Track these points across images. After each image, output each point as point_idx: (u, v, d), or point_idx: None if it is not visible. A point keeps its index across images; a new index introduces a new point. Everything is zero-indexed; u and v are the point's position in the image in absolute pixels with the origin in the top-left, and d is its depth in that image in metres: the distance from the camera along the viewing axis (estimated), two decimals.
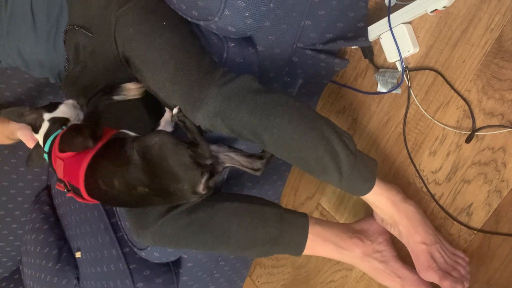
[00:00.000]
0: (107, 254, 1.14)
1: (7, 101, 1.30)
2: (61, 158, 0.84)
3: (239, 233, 0.89)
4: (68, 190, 0.87)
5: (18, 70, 1.24)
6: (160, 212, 0.86)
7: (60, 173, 0.86)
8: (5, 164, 1.41)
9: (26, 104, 1.00)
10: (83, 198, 0.85)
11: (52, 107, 0.90)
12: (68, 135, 0.85)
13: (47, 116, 0.88)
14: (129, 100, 0.94)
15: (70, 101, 0.92)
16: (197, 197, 0.84)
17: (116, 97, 0.92)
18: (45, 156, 0.89)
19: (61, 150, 0.84)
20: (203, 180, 0.82)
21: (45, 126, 0.87)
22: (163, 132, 0.83)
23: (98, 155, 0.82)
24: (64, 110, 0.90)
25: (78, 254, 1.25)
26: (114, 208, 1.17)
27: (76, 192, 0.85)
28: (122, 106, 0.99)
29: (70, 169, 0.84)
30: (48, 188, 1.52)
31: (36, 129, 0.89)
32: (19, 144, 1.17)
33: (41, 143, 0.89)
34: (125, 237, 1.12)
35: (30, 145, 1.04)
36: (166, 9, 0.88)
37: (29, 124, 0.90)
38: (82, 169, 0.81)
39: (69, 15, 1.01)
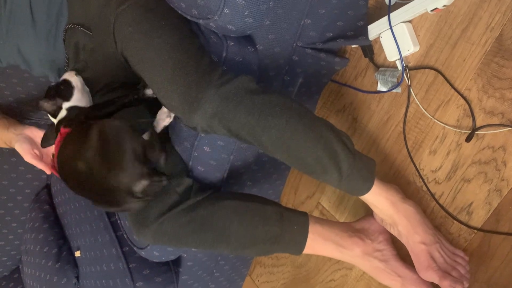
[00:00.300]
0: (107, 253, 1.14)
1: (7, 100, 1.30)
2: (60, 133, 0.88)
3: (239, 231, 0.89)
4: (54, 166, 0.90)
5: (18, 68, 1.23)
6: (160, 210, 0.86)
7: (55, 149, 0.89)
8: (5, 163, 1.41)
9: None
10: None
11: (66, 93, 0.94)
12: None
13: (65, 105, 0.93)
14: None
15: (74, 78, 0.95)
16: (130, 198, 0.80)
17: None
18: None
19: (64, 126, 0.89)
20: (145, 181, 0.79)
21: (62, 113, 0.92)
22: (126, 118, 0.85)
23: (72, 133, 0.86)
24: (79, 97, 0.94)
25: (77, 253, 1.25)
26: None
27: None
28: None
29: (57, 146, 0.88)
30: (48, 187, 1.52)
31: (54, 116, 0.94)
32: None
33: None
34: (125, 236, 1.12)
35: (28, 159, 1.05)
36: (166, 8, 0.88)
37: (48, 112, 0.94)
38: (56, 145, 0.85)
39: (68, 13, 1.00)
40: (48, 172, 1.06)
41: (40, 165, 1.05)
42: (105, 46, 0.93)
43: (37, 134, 1.08)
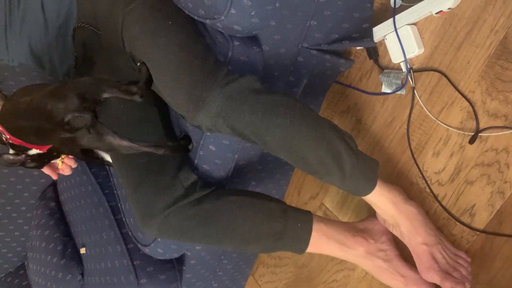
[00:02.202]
0: (112, 250, 1.15)
1: None
2: None
3: (243, 226, 0.89)
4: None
5: (27, 67, 1.25)
6: (167, 203, 0.87)
7: None
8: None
9: None
10: None
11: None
12: None
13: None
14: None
15: None
16: (59, 128, 0.81)
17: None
18: None
19: None
20: (77, 113, 0.80)
21: None
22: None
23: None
24: None
25: (82, 250, 1.26)
26: (119, 204, 1.18)
27: None
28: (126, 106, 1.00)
29: None
30: (54, 185, 1.54)
31: None
32: None
33: None
34: (130, 233, 1.13)
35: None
36: (173, 8, 0.89)
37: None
38: None
39: (78, 13, 1.02)
40: (55, 177, 1.07)
41: (46, 171, 1.06)
42: (112, 46, 0.95)
43: None
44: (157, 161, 0.94)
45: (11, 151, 0.96)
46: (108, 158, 1.06)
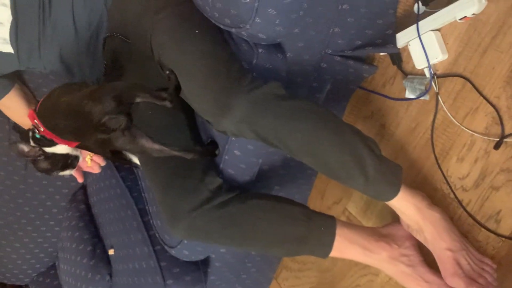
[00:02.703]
0: (139, 251, 1.18)
1: None
2: None
3: (267, 230, 0.91)
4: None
5: (59, 74, 1.30)
6: (193, 206, 0.90)
7: None
8: None
9: None
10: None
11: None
12: None
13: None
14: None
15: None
16: (96, 130, 0.86)
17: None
18: None
19: None
20: (112, 115, 0.86)
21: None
22: None
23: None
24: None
25: (111, 251, 1.30)
26: (147, 207, 1.22)
27: None
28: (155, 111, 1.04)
29: None
30: (84, 188, 1.59)
31: None
32: None
33: None
34: (157, 235, 1.16)
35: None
36: (200, 17, 0.92)
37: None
38: None
39: (109, 22, 1.06)
40: (80, 180, 1.12)
41: (74, 173, 1.10)
42: (142, 54, 0.98)
43: None
44: (184, 165, 0.97)
45: (32, 143, 1.00)
46: (136, 160, 1.10)
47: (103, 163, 1.13)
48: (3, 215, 1.51)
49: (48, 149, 1.00)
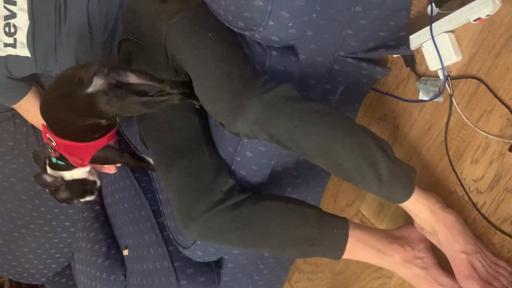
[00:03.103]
0: (153, 252, 1.20)
1: None
2: None
3: (280, 231, 0.91)
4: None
5: None
6: (206, 207, 0.91)
7: None
8: None
9: None
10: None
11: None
12: None
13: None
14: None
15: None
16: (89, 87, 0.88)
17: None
18: None
19: None
20: (103, 73, 0.88)
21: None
22: None
23: None
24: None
25: (125, 252, 1.32)
26: (161, 208, 1.23)
27: None
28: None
29: None
30: (99, 189, 1.61)
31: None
32: None
33: None
34: (170, 236, 1.17)
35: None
36: (213, 20, 0.93)
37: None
38: None
39: (123, 26, 1.08)
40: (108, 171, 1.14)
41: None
42: (156, 57, 0.99)
43: None
44: (197, 166, 0.98)
45: (49, 171, 1.06)
46: (151, 160, 1.12)
47: (119, 164, 1.15)
48: (21, 215, 1.55)
49: (67, 174, 1.06)
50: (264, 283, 1.34)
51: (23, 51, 1.11)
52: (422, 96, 1.03)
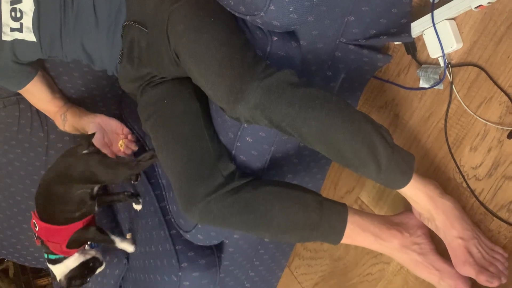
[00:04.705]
0: (156, 235, 1.21)
1: (69, 91, 1.41)
2: None
3: (280, 215, 0.93)
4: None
5: (79, 63, 1.34)
6: (208, 190, 0.92)
7: None
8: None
9: None
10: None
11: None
12: None
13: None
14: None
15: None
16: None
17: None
18: None
19: None
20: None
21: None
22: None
23: None
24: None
25: (129, 235, 1.34)
26: (163, 193, 1.25)
27: None
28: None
29: None
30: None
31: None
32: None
33: None
34: (172, 220, 1.19)
35: (99, 145, 1.15)
36: (215, 5, 0.94)
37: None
38: None
39: (127, 11, 1.09)
40: None
41: (109, 153, 1.15)
42: (158, 42, 1.00)
43: (108, 122, 1.18)
44: (197, 151, 0.99)
45: (50, 267, 1.20)
46: None
47: (135, 148, 1.17)
48: (25, 199, 1.56)
49: (63, 268, 1.18)
50: (264, 268, 1.36)
51: (29, 36, 1.12)
52: (422, 84, 1.04)
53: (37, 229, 1.15)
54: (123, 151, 1.16)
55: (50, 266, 1.20)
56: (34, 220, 1.15)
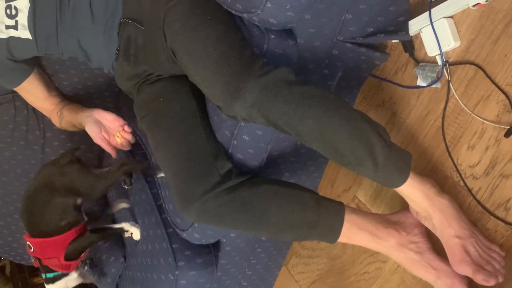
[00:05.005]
0: (152, 233, 1.21)
1: (65, 89, 1.40)
2: None
3: (277, 214, 0.92)
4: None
5: (76, 61, 1.33)
6: (204, 189, 0.91)
7: None
8: (61, 147, 1.52)
9: None
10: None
11: None
12: None
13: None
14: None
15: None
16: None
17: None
18: None
19: None
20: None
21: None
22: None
23: None
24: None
25: (126, 234, 1.33)
26: (160, 191, 1.24)
27: None
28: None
29: None
30: None
31: None
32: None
33: None
34: (169, 218, 1.18)
35: (97, 141, 1.14)
36: (212, 3, 0.93)
37: None
38: None
39: (123, 8, 1.08)
40: (114, 155, 1.15)
41: (107, 148, 1.14)
42: (155, 40, 1.00)
43: (104, 116, 1.16)
44: (194, 150, 0.99)
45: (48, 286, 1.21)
46: None
47: (132, 140, 1.15)
48: (21, 197, 1.55)
49: (69, 283, 1.19)
50: (261, 266, 1.36)
51: (24, 33, 1.11)
52: (420, 82, 1.03)
53: (32, 250, 1.16)
54: (120, 143, 1.15)
55: (49, 287, 1.19)
56: (27, 242, 1.15)
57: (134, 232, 1.26)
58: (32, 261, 1.18)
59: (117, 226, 1.25)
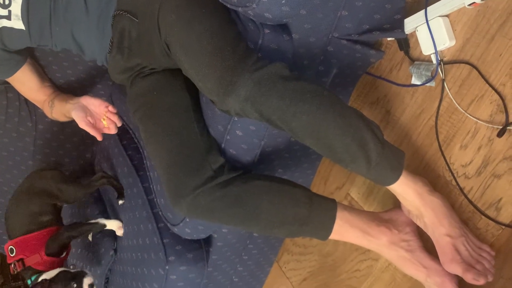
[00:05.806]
0: (143, 228, 1.20)
1: (58, 81, 1.39)
2: None
3: (269, 210, 0.92)
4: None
5: (69, 53, 1.32)
6: (196, 184, 0.91)
7: None
8: (53, 140, 1.51)
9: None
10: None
11: None
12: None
13: None
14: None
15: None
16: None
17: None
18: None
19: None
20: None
21: None
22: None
23: None
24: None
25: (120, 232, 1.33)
26: (151, 186, 1.24)
27: None
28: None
29: None
30: (92, 165, 1.61)
31: None
32: (68, 121, 1.27)
33: None
34: (160, 213, 1.18)
35: (82, 126, 1.12)
36: None
37: None
38: None
39: (117, 0, 1.07)
40: (99, 138, 1.13)
41: (92, 132, 1.11)
42: (149, 33, 0.99)
43: (91, 102, 1.14)
44: (187, 144, 0.98)
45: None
46: None
47: (119, 123, 1.14)
48: (12, 190, 1.53)
49: (45, 275, 1.16)
50: (253, 263, 1.36)
51: (17, 23, 1.10)
52: (414, 81, 1.03)
53: (13, 254, 1.18)
54: (107, 126, 1.13)
55: None
56: (8, 247, 1.20)
57: (112, 226, 1.29)
58: (12, 268, 1.19)
59: (92, 221, 1.28)
